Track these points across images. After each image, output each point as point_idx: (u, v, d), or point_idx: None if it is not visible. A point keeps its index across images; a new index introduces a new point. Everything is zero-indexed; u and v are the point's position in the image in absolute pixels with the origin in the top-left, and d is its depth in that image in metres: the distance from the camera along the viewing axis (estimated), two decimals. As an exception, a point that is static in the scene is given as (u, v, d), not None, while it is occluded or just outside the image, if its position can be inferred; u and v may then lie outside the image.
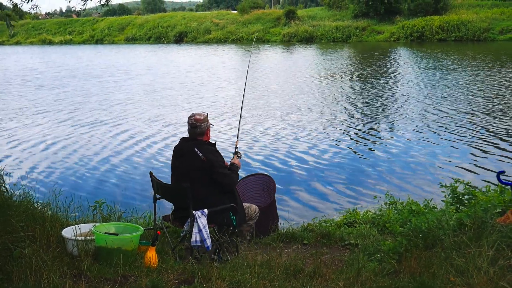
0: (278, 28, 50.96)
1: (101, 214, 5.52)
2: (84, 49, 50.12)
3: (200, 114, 4.85)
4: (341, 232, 5.66)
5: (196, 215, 4.42)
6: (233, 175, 4.90)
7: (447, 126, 12.27)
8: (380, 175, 9.01)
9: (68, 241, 4.11)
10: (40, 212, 4.57)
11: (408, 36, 41.40)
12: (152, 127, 13.49)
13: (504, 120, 12.57)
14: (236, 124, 13.23)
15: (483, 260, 3.44)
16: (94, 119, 14.83)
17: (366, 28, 45.80)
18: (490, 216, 4.23)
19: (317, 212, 7.33)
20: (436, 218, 4.57)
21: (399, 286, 3.54)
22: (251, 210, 5.19)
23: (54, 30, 67.92)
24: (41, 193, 7.32)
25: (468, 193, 5.53)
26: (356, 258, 4.49)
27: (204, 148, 4.71)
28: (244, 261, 4.16)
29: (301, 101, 16.50)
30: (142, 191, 8.38)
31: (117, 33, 62.36)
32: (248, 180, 6.40)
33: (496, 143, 10.61)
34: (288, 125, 13.14)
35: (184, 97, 18.69)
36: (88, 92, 20.66)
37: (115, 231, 4.32)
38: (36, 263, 3.65)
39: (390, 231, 5.52)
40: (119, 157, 10.58)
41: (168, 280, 3.76)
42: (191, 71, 27.15)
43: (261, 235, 5.65)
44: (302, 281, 3.74)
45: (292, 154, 10.45)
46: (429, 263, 3.78)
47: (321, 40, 45.71)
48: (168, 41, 55.74)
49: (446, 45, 36.66)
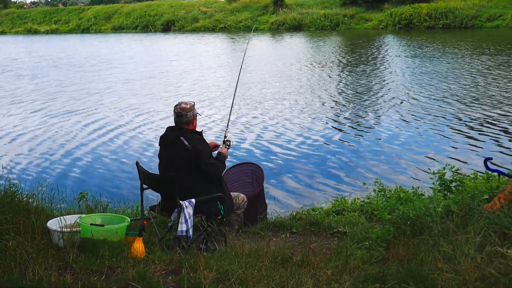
0: (266, 16, 50.73)
1: (87, 205, 5.46)
2: (70, 39, 49.56)
3: (186, 103, 4.78)
4: (329, 220, 5.65)
5: (183, 205, 4.39)
6: (220, 164, 4.86)
7: (434, 113, 12.31)
8: (368, 163, 9.02)
9: (53, 233, 4.05)
10: (24, 204, 4.50)
11: (396, 23, 41.43)
12: (136, 116, 13.37)
13: (491, 108, 12.63)
14: (219, 113, 13.20)
15: (470, 247, 3.44)
16: (76, 108, 14.67)
17: (354, 16, 45.76)
18: (478, 203, 4.24)
19: (306, 201, 7.32)
20: (423, 205, 4.58)
21: (387, 273, 3.54)
22: (239, 199, 5.16)
23: (39, 19, 67.09)
24: (25, 185, 7.22)
25: (456, 180, 5.55)
26: (345, 246, 4.49)
27: (190, 137, 4.66)
28: (232, 251, 4.14)
29: (288, 90, 16.45)
30: (129, 181, 8.31)
31: (103, 22, 61.76)
32: (236, 169, 6.37)
33: (483, 130, 10.66)
34: (276, 113, 13.10)
35: (166, 86, 18.58)
36: (70, 81, 20.44)
37: (101, 222, 4.27)
38: (20, 255, 3.60)
39: (379, 219, 5.53)
40: (104, 147, 10.48)
41: (155, 270, 3.73)
42: (174, 60, 27.01)
43: (249, 224, 5.63)
44: (290, 269, 3.73)
45: (280, 142, 10.43)
46: (417, 250, 3.79)
47: (310, 28, 45.61)
48: (156, 29, 55.31)
49: (433, 32, 36.75)
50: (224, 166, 5.04)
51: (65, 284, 3.33)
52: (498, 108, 12.52)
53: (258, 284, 3.51)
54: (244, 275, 3.55)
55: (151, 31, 55.05)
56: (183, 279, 3.53)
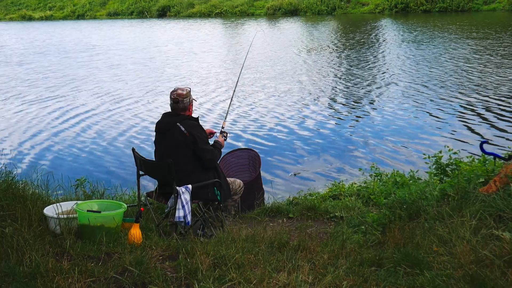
0: (262, 1, 50.29)
1: (84, 192, 5.46)
2: (63, 25, 49.08)
3: (183, 89, 4.75)
4: (326, 205, 5.67)
5: (180, 190, 4.39)
6: (216, 151, 4.86)
7: (430, 98, 12.30)
8: (365, 148, 9.04)
9: (50, 219, 4.06)
10: (21, 190, 4.49)
11: (393, 7, 41.12)
12: (132, 103, 13.34)
13: (487, 92, 12.63)
14: (211, 101, 13.18)
15: (465, 230, 3.46)
16: (68, 94, 14.64)
17: (350, 0, 45.40)
18: (473, 186, 4.25)
19: (303, 186, 7.34)
20: (420, 189, 4.59)
21: (383, 257, 3.56)
22: (236, 184, 5.17)
23: (34, 6, 66.36)
24: (21, 172, 7.21)
25: (452, 164, 5.56)
26: (341, 230, 4.51)
27: (186, 123, 4.64)
28: (229, 236, 4.15)
29: (284, 76, 16.41)
30: (126, 167, 8.31)
31: (98, 8, 61.09)
32: (233, 154, 6.36)
33: (480, 113, 10.67)
34: (272, 99, 13.08)
35: (162, 73, 18.51)
36: (56, 68, 20.32)
37: (98, 209, 4.28)
38: (17, 242, 3.60)
39: (375, 203, 5.55)
40: (101, 134, 10.46)
41: (152, 256, 3.74)
42: (164, 46, 26.84)
43: (246, 209, 5.64)
44: (286, 254, 3.75)
45: (277, 128, 10.42)
46: (413, 233, 3.81)
47: (306, 13, 45.28)
48: (151, 15, 54.83)
49: (430, 16, 36.55)
50: (220, 154, 5.04)
51: (62, 270, 3.35)
52: (493, 92, 12.51)
53: (254, 268, 3.52)
54: (240, 260, 3.57)
55: (146, 17, 54.59)
56: (180, 264, 3.55)
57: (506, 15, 34.13)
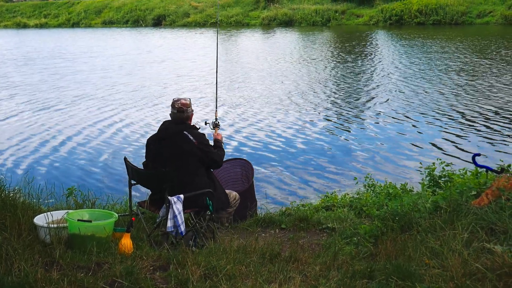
0: (257, 12, 50.53)
1: (75, 201, 5.42)
2: (57, 33, 49.03)
3: (185, 99, 4.88)
4: (319, 216, 5.66)
5: (171, 200, 4.37)
6: (220, 152, 5.02)
7: (424, 109, 12.36)
8: (358, 159, 9.04)
9: (40, 228, 4.02)
10: (11, 199, 4.45)
11: (387, 19, 41.41)
12: (121, 112, 13.29)
13: (481, 104, 12.70)
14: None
15: (457, 243, 3.45)
16: (62, 103, 14.58)
17: (345, 12, 45.65)
18: (466, 199, 4.25)
19: (296, 196, 7.33)
20: (412, 201, 4.60)
21: (375, 269, 3.55)
22: (231, 197, 5.15)
23: (29, 13, 66.32)
24: (11, 180, 7.15)
25: (444, 176, 5.57)
26: (333, 242, 4.49)
27: (194, 132, 4.75)
28: (220, 247, 4.13)
29: (278, 85, 16.45)
30: (118, 177, 8.26)
31: (93, 16, 61.14)
32: (226, 164, 6.32)
33: (473, 125, 10.72)
34: (265, 108, 13.09)
35: (156, 82, 18.52)
36: (52, 79, 20.26)
37: (89, 218, 4.24)
38: (6, 251, 3.55)
39: (367, 215, 5.54)
40: (93, 143, 10.40)
41: (143, 266, 3.71)
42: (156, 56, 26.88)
43: (239, 219, 5.62)
44: (278, 265, 3.73)
45: (270, 138, 10.42)
46: (405, 246, 3.80)
47: (301, 23, 45.50)
48: (146, 24, 54.92)
49: (424, 28, 36.82)
50: (224, 151, 5.17)
51: (51, 280, 3.30)
52: (486, 104, 12.58)
53: (246, 280, 3.50)
54: (232, 271, 3.55)
55: (141, 26, 54.67)
56: (171, 275, 3.52)
57: (499, 28, 34.41)
